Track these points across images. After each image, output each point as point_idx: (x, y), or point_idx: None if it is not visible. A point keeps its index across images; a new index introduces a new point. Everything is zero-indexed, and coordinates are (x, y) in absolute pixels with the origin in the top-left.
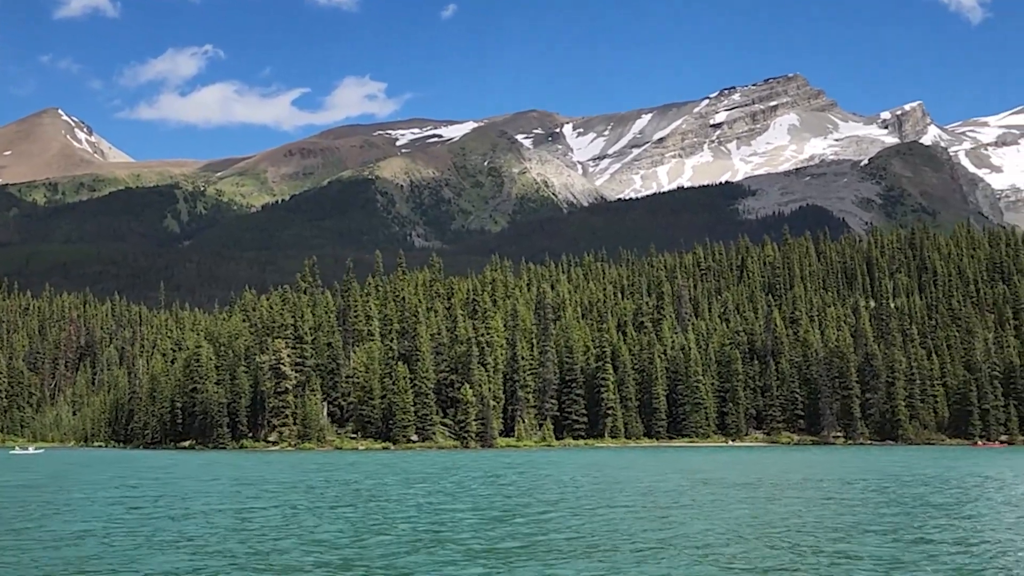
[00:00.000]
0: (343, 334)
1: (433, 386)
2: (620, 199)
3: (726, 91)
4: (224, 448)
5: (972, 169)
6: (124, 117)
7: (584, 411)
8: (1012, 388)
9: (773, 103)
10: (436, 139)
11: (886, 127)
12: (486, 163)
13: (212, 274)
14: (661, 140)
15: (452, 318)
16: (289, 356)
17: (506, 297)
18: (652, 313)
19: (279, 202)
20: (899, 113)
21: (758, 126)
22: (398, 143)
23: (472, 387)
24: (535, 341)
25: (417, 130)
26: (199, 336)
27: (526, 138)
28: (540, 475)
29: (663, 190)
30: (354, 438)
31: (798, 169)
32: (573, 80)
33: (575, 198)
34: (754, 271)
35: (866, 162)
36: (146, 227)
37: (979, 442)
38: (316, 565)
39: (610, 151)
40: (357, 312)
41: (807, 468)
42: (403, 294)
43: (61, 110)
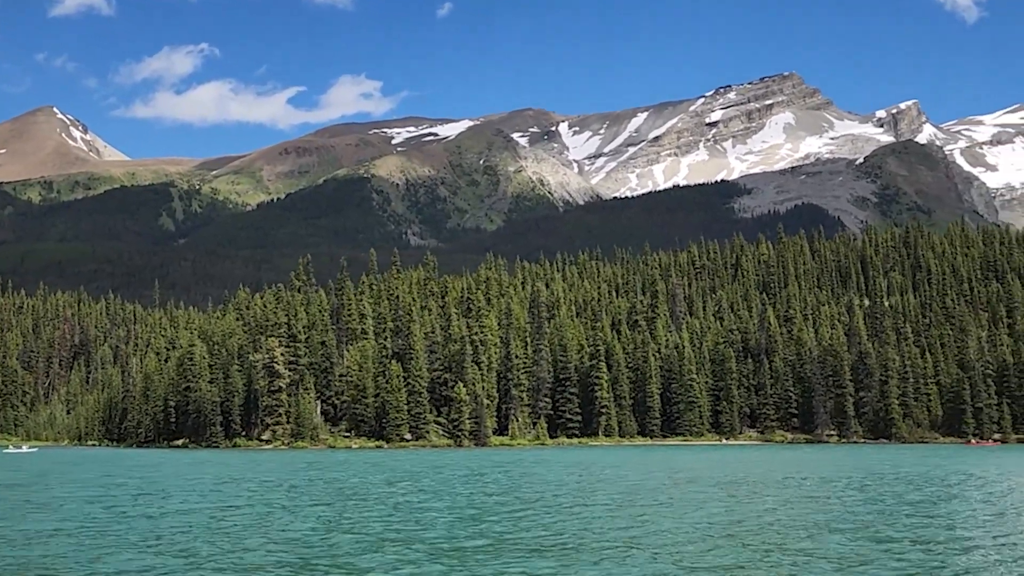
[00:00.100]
0: (337, 333)
1: (427, 385)
2: (616, 198)
3: (722, 89)
4: (217, 447)
5: (967, 168)
6: (119, 115)
7: (578, 410)
8: (1005, 386)
9: (769, 102)
10: (432, 137)
11: (881, 126)
12: (482, 161)
13: (207, 273)
14: (657, 139)
15: (446, 317)
16: (283, 355)
17: (500, 296)
18: (646, 312)
19: (274, 200)
20: (894, 112)
21: (754, 124)
22: (394, 141)
23: (466, 386)
24: (529, 340)
25: (413, 128)
26: (192, 335)
27: (522, 136)
28: (525, 474)
29: (659, 189)
30: (348, 437)
31: (794, 168)
32: (569, 78)
33: (571, 197)
34: (748, 270)
35: (861, 161)
36: (141, 225)
37: (972, 440)
38: (276, 564)
39: (606, 149)
40: (351, 311)
41: (793, 466)
42: (397, 293)
43: (56, 108)
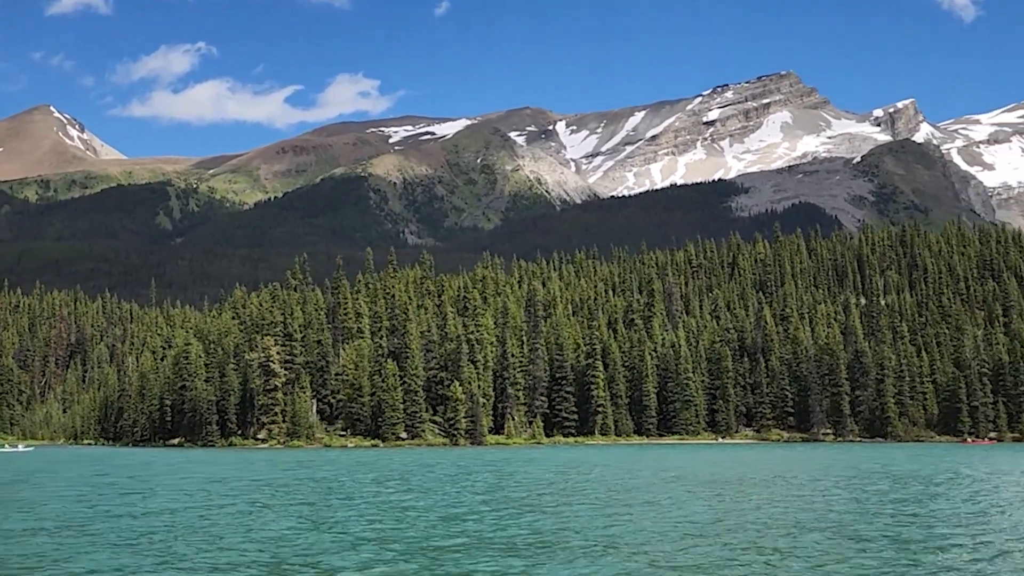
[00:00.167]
0: (333, 332)
1: (422, 384)
2: (613, 196)
3: (719, 88)
4: (213, 446)
5: (964, 167)
6: (116, 114)
7: (574, 408)
8: (1001, 385)
9: (766, 101)
10: (429, 136)
11: (878, 125)
12: (479, 160)
13: (204, 271)
14: (654, 138)
15: (442, 315)
16: (278, 354)
17: (497, 295)
18: (643, 310)
19: (272, 199)
20: (891, 111)
21: (751, 124)
22: (391, 140)
23: (462, 385)
24: (525, 339)
25: (410, 127)
26: (188, 334)
27: (519, 135)
28: (513, 473)
29: (656, 187)
30: (343, 436)
31: (791, 167)
32: (566, 77)
33: (568, 195)
34: (745, 268)
35: (858, 160)
36: (138, 224)
37: (968, 439)
38: (249, 563)
39: (603, 148)
40: (347, 309)
41: (783, 465)
42: (393, 292)
43: (53, 107)
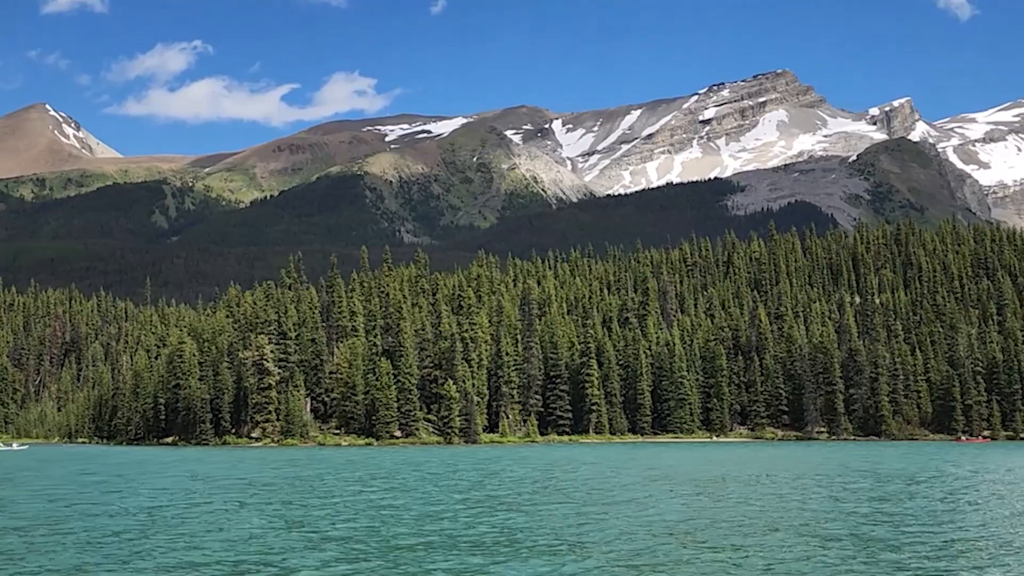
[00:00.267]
0: (327, 330)
1: (416, 382)
2: (609, 195)
3: (715, 87)
4: (207, 444)
5: (960, 165)
6: (112, 113)
7: (569, 407)
8: (995, 384)
9: (762, 99)
10: (425, 135)
11: (875, 123)
12: (475, 159)
13: (200, 270)
14: (650, 136)
15: (437, 314)
16: (272, 352)
17: (491, 293)
18: (637, 309)
19: (268, 198)
20: (887, 109)
21: (747, 122)
22: (387, 139)
23: (456, 383)
24: (520, 337)
25: (406, 126)
26: (182, 332)
27: (515, 134)
28: (498, 472)
29: (652, 186)
30: (337, 434)
31: (787, 165)
32: (563, 76)
33: (564, 194)
34: (740, 267)
35: (854, 158)
36: (134, 223)
37: (962, 437)
38: (213, 562)
39: (599, 147)
40: (341, 308)
41: (771, 464)
42: (388, 290)
43: (48, 105)
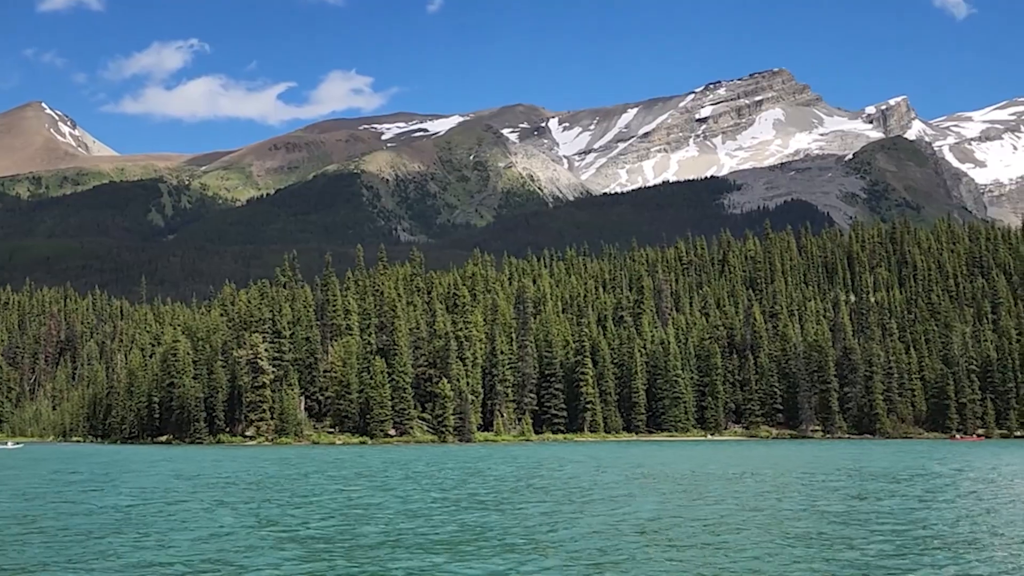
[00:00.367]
0: (321, 328)
1: (411, 380)
2: (605, 193)
3: (711, 85)
4: (201, 443)
5: (956, 164)
6: (108, 111)
7: (563, 405)
8: (989, 382)
9: (758, 98)
10: (422, 133)
11: (871, 122)
12: (472, 157)
13: (196, 268)
14: (647, 134)
15: (431, 312)
16: (267, 351)
17: (487, 292)
18: (632, 307)
19: (264, 196)
20: (884, 108)
21: (743, 121)
22: (384, 137)
23: (450, 382)
24: (515, 336)
25: (403, 124)
26: (176, 331)
27: (512, 132)
28: (483, 470)
29: (648, 184)
30: (331, 432)
31: (783, 164)
32: (559, 74)
33: (561, 192)
34: (735, 265)
35: (851, 157)
36: (130, 221)
37: (956, 436)
38: (164, 562)
39: (596, 145)
40: (336, 306)
41: (759, 462)
42: (382, 288)
43: (45, 103)
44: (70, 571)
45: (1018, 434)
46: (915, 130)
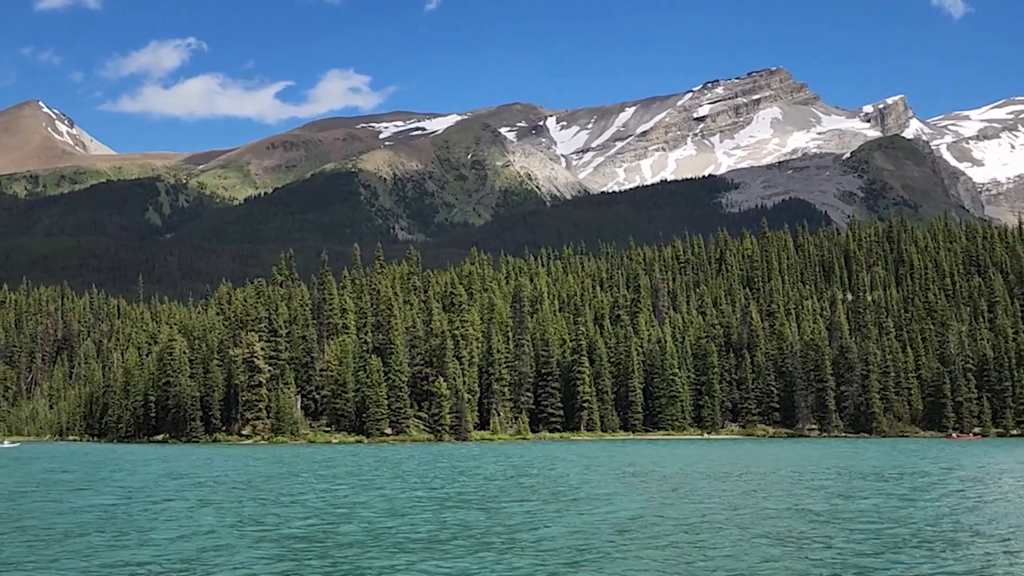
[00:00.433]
0: (318, 327)
1: (407, 379)
2: (603, 192)
3: (709, 84)
4: (197, 442)
5: (954, 163)
6: (106, 110)
7: (560, 404)
8: (985, 381)
9: (756, 96)
10: (419, 132)
11: (868, 121)
12: (469, 156)
13: (194, 267)
14: (644, 133)
15: (428, 311)
16: (263, 349)
17: (483, 290)
18: (629, 306)
19: (262, 195)
20: (881, 107)
21: (741, 119)
22: (381, 136)
23: (446, 380)
24: (511, 334)
25: (400, 123)
26: (173, 330)
27: (509, 131)
28: (473, 469)
29: (646, 183)
30: (328, 431)
31: (781, 162)
32: (557, 73)
33: (558, 191)
34: (732, 264)
35: (848, 156)
36: (128, 220)
37: (953, 434)
38: (136, 562)
39: (593, 144)
40: (332, 305)
41: (751, 461)
42: (379, 287)
43: (42, 102)
44: (45, 571)
45: (1014, 433)
46: (913, 129)
